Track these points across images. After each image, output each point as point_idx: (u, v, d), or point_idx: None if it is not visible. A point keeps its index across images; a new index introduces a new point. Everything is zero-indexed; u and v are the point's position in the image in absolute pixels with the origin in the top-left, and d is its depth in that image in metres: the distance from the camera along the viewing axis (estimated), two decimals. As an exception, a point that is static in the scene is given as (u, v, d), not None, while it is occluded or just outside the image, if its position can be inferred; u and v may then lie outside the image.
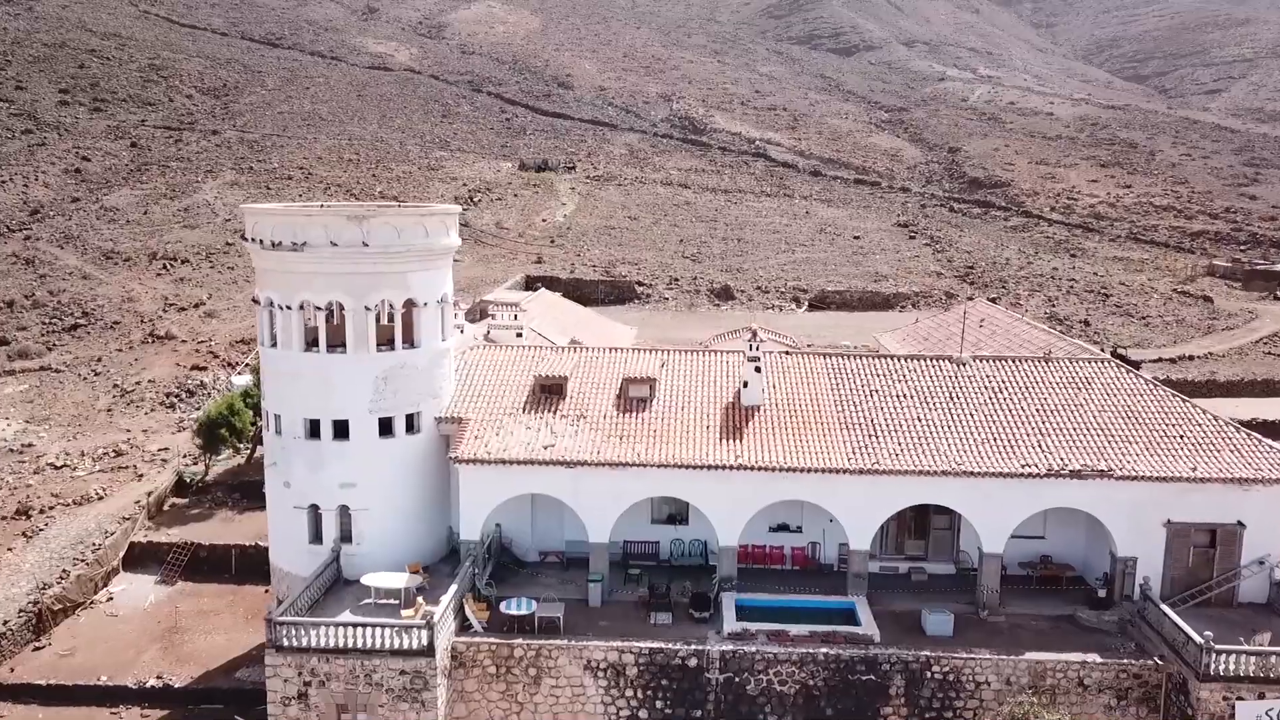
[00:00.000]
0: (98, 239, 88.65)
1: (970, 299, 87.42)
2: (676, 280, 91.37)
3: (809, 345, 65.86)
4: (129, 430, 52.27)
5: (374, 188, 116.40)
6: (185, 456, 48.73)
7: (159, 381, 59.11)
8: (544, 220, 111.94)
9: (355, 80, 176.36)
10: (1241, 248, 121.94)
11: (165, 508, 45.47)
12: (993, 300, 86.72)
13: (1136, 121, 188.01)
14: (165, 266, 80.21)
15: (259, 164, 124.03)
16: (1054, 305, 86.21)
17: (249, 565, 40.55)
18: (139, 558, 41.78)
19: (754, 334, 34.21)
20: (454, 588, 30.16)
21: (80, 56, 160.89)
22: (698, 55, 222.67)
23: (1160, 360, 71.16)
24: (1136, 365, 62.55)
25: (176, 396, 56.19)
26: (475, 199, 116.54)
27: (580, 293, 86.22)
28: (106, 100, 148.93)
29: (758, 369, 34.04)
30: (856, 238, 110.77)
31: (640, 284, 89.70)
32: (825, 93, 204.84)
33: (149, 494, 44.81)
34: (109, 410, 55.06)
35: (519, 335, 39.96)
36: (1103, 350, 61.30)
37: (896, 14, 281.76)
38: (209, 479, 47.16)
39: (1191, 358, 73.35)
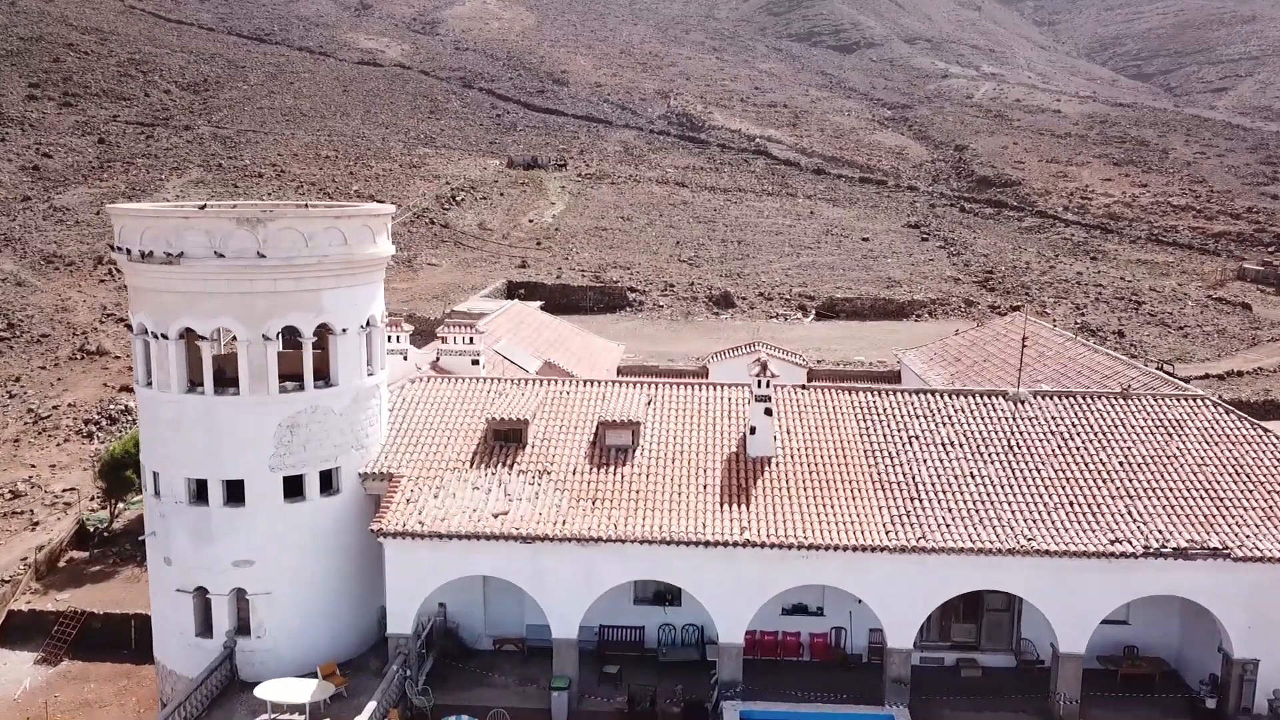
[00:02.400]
0: (40, 241, 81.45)
1: (993, 307, 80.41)
2: (672, 286, 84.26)
3: (819, 362, 58.91)
4: (34, 466, 45.13)
5: (350, 186, 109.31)
6: (92, 499, 41.61)
7: (80, 405, 51.94)
8: (531, 221, 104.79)
9: (342, 76, 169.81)
10: (1268, 249, 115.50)
11: (60, 564, 38.34)
12: (1016, 308, 79.74)
13: (1146, 119, 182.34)
14: (110, 272, 73.11)
15: (229, 161, 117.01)
16: (1083, 314, 79.15)
17: (151, 639, 33.38)
18: (20, 629, 34.65)
19: (763, 366, 27.10)
20: (372, 704, 23.06)
21: (56, 51, 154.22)
22: (696, 52, 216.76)
23: (1208, 377, 64.16)
24: (1185, 382, 55.66)
25: (96, 424, 49.03)
26: (458, 198, 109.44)
27: (567, 299, 79.34)
28: (78, 95, 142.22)
29: (768, 411, 26.95)
30: (865, 239, 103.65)
31: (632, 290, 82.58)
32: (826, 90, 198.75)
33: (40, 548, 37.70)
34: (16, 441, 47.87)
35: (475, 362, 32.84)
36: (1148, 365, 54.21)
37: (897, 11, 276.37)
38: (116, 527, 39.98)
39: (1240, 373, 66.41)
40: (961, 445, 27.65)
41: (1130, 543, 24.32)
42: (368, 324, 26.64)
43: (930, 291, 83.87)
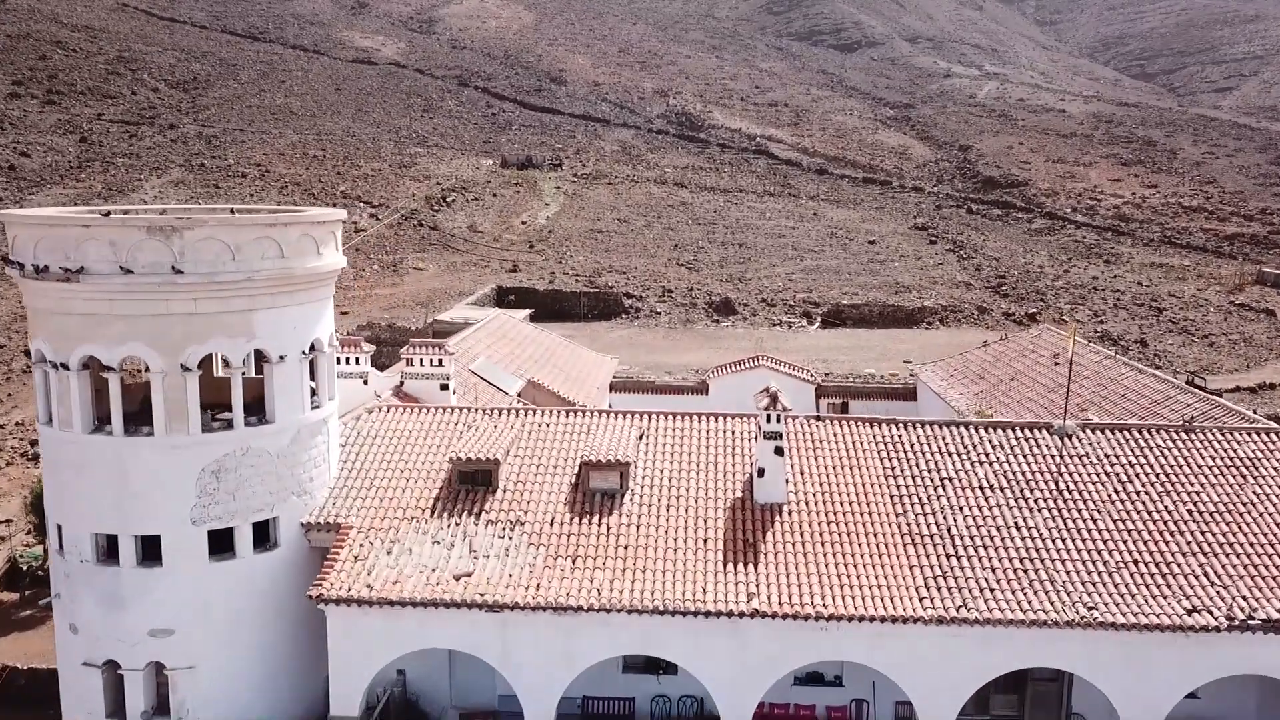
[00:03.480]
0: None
1: (1008, 314, 76.63)
2: (670, 292, 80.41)
3: (826, 375, 55.12)
4: (-30, 493, 41.36)
5: (337, 186, 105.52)
6: (27, 533, 37.76)
7: (29, 424, 48.09)
8: (523, 223, 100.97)
9: (335, 74, 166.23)
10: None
11: (-13, 608, 34.53)
12: (1033, 315, 76.03)
13: (1152, 119, 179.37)
14: (78, 277, 69.25)
15: (212, 160, 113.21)
16: (1103, 321, 75.33)
17: (82, 697, 29.47)
18: (-65, 685, 30.77)
19: (773, 398, 23.26)
20: (307, 810, 19.30)
21: (43, 48, 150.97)
22: (695, 51, 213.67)
23: (1238, 390, 60.32)
24: (1217, 395, 51.77)
25: (44, 445, 45.21)
26: (449, 199, 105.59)
27: (560, 306, 75.62)
28: (62, 93, 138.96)
29: (779, 450, 23.13)
30: (871, 242, 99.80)
31: (629, 296, 78.73)
32: (828, 89, 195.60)
33: (-36, 590, 33.88)
34: (-46, 464, 44.19)
35: (445, 387, 28.99)
36: (1177, 378, 50.32)
37: (898, 10, 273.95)
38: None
39: (1273, 386, 62.51)
40: (1003, 489, 23.82)
41: (1210, 613, 20.50)
42: (312, 349, 22.80)
43: (941, 297, 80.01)
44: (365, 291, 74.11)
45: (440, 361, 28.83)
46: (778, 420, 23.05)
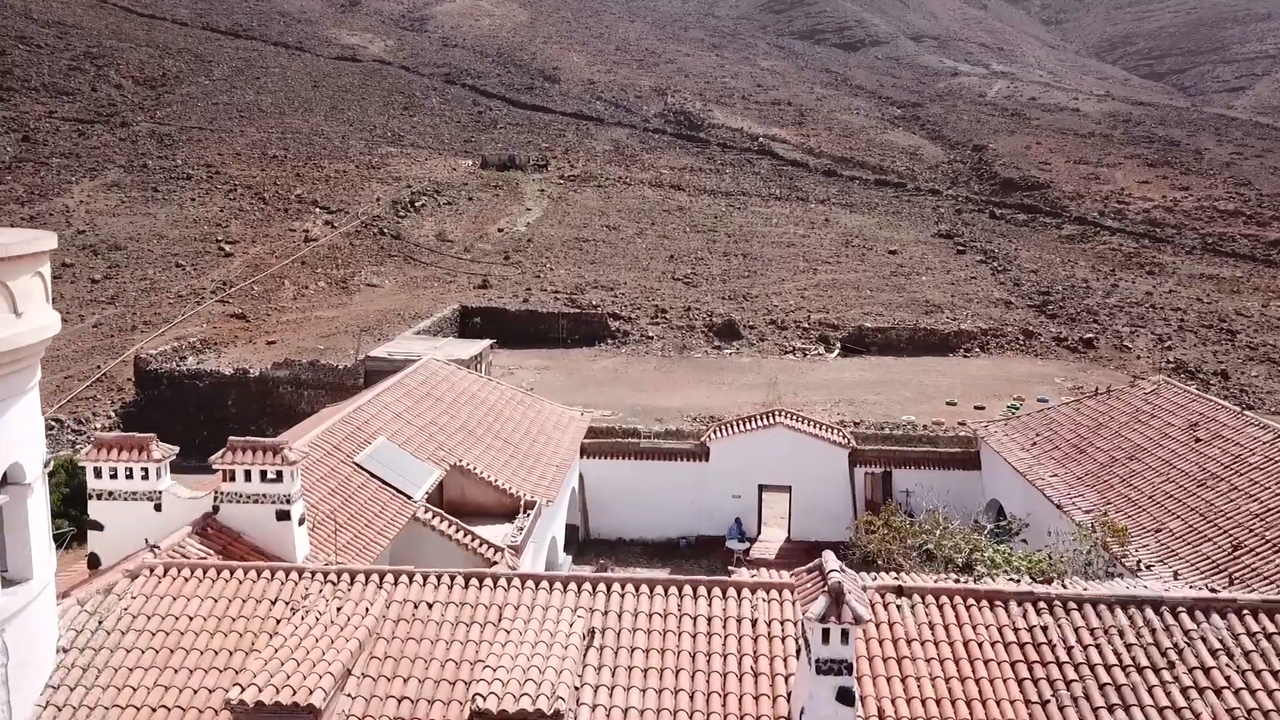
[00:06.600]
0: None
1: (1059, 339, 65.39)
2: (664, 312, 69.50)
3: (856, 424, 44.27)
4: None
5: (293, 189, 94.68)
6: None
7: None
8: (500, 230, 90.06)
9: (315, 71, 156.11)
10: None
11: None
12: (1088, 342, 65.22)
13: (1171, 118, 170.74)
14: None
15: (158, 160, 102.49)
16: (1170, 348, 64.46)
17: None
18: None
19: (836, 597, 12.23)
20: None
21: (4, 44, 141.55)
22: (695, 49, 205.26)
23: (1355, 439, 49.52)
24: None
25: None
26: (418, 203, 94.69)
27: (535, 329, 64.90)
28: (13, 89, 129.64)
29: (846, 696, 12.14)
30: (893, 252, 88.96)
31: (615, 316, 67.85)
32: (832, 88, 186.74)
33: None
34: None
35: (283, 516, 17.89)
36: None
37: (902, 8, 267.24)
38: None
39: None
40: (1255, 753, 12.89)
41: None
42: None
43: (979, 318, 68.97)
44: (305, 314, 63.22)
45: (278, 475, 17.73)
46: (843, 640, 12.05)
